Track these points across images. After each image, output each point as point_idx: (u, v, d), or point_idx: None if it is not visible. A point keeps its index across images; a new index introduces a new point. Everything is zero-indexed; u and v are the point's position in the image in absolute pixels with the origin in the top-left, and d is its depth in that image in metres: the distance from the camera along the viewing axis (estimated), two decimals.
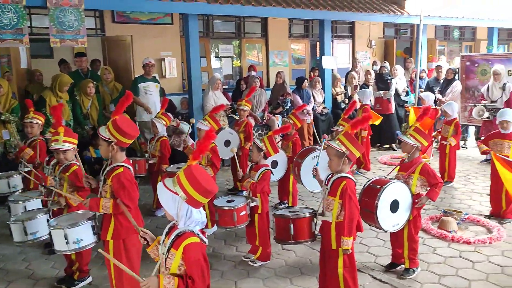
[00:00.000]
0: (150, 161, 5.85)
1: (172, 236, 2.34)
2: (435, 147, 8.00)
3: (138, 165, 5.64)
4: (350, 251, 3.40)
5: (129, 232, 3.36)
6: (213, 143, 5.39)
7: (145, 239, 2.60)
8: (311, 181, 4.83)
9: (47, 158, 4.80)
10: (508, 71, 8.38)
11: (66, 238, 3.41)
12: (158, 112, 6.14)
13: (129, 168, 3.42)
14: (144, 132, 7.65)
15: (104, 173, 3.42)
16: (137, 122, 7.62)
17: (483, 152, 5.77)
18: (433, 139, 7.03)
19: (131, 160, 3.60)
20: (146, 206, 6.14)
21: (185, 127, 7.31)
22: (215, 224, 4.73)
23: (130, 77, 8.39)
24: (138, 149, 7.33)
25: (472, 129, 10.02)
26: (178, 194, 2.30)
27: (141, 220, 3.55)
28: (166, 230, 2.45)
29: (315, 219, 3.69)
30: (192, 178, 2.29)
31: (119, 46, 8.63)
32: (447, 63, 12.00)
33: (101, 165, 3.58)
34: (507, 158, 5.26)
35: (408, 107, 9.04)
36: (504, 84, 7.75)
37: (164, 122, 5.92)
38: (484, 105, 7.74)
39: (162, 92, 8.03)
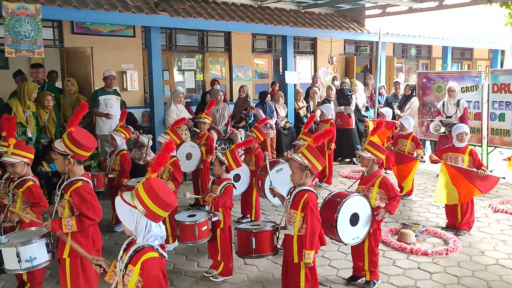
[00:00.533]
0: (110, 176, 5.70)
1: (130, 252, 2.27)
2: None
3: (97, 180, 5.49)
4: (312, 264, 3.40)
5: (87, 250, 3.24)
6: (175, 156, 5.32)
7: (100, 266, 2.50)
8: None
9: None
10: (462, 88, 8.75)
11: (18, 256, 3.24)
12: (117, 125, 6.01)
13: (88, 182, 3.32)
14: (104, 145, 7.47)
15: (61, 188, 3.31)
16: (97, 136, 7.44)
17: (433, 162, 5.95)
18: (391, 148, 7.19)
19: (89, 174, 3.50)
20: (105, 222, 5.94)
21: (146, 139, 7.19)
22: (176, 239, 4.64)
23: (90, 89, 8.19)
24: (95, 168, 7.10)
25: (428, 143, 10.36)
26: (136, 208, 2.24)
27: (99, 237, 3.44)
28: (124, 245, 2.38)
29: (277, 233, 3.68)
30: (151, 191, 2.24)
31: (79, 58, 8.43)
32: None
33: (59, 178, 3.46)
34: (458, 166, 5.48)
35: (367, 121, 9.27)
36: (458, 100, 8.07)
37: (123, 136, 5.80)
38: (441, 121, 8.02)
39: (123, 105, 7.88)
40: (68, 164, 3.22)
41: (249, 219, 5.98)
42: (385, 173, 7.22)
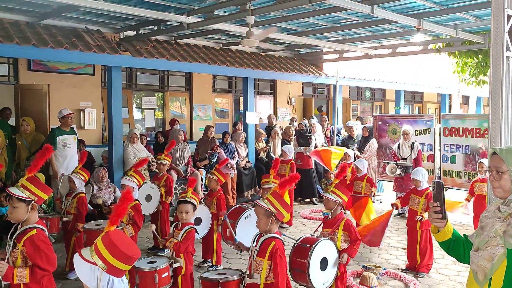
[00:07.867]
0: (64, 219, 5.45)
1: None
2: None
3: (50, 223, 5.23)
4: None
5: None
6: (137, 200, 5.18)
7: None
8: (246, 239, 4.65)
9: None
10: (415, 131, 9.13)
11: None
12: (76, 167, 5.81)
13: (42, 229, 3.18)
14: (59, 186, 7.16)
15: (13, 237, 3.13)
16: (51, 176, 7.16)
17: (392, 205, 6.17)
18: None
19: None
20: (57, 268, 5.60)
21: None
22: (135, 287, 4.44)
23: (45, 128, 7.94)
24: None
25: (382, 184, 10.64)
26: (97, 264, 2.16)
27: (53, 285, 3.27)
28: None
29: (243, 281, 3.61)
30: (111, 245, 2.18)
31: (34, 95, 8.19)
32: (356, 122, 12.63)
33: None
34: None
35: None
36: (413, 143, 8.40)
37: (82, 178, 5.62)
38: (396, 163, 8.29)
39: (82, 144, 7.68)
40: (31, 210, 3.09)
41: (210, 263, 5.84)
42: (344, 213, 7.31)
